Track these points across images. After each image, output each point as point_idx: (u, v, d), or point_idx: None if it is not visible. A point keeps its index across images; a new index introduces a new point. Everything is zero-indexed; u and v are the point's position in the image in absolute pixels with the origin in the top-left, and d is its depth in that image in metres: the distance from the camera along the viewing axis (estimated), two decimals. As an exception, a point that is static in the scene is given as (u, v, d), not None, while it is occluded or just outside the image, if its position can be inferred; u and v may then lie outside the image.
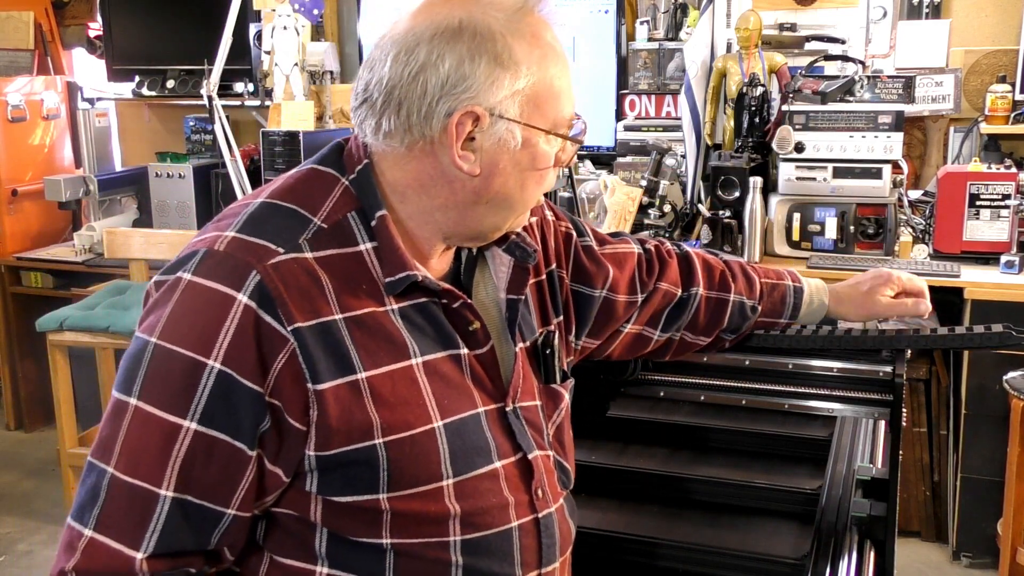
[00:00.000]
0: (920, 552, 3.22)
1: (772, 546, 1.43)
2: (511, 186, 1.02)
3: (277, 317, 0.92)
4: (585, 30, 3.87)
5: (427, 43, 0.97)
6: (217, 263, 0.94)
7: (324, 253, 0.97)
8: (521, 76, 0.99)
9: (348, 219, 1.01)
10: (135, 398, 0.93)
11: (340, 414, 0.94)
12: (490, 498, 1.04)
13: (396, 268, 1.00)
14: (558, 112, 1.03)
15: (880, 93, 3.30)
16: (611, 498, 1.59)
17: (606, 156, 3.80)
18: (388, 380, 0.97)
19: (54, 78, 4.47)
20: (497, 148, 1.00)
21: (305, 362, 0.93)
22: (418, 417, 0.98)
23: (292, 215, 0.99)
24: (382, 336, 0.98)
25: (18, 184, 4.16)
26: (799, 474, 1.60)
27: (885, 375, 1.48)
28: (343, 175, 1.03)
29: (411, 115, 0.98)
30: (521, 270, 1.14)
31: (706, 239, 3.16)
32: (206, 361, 0.91)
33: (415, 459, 0.98)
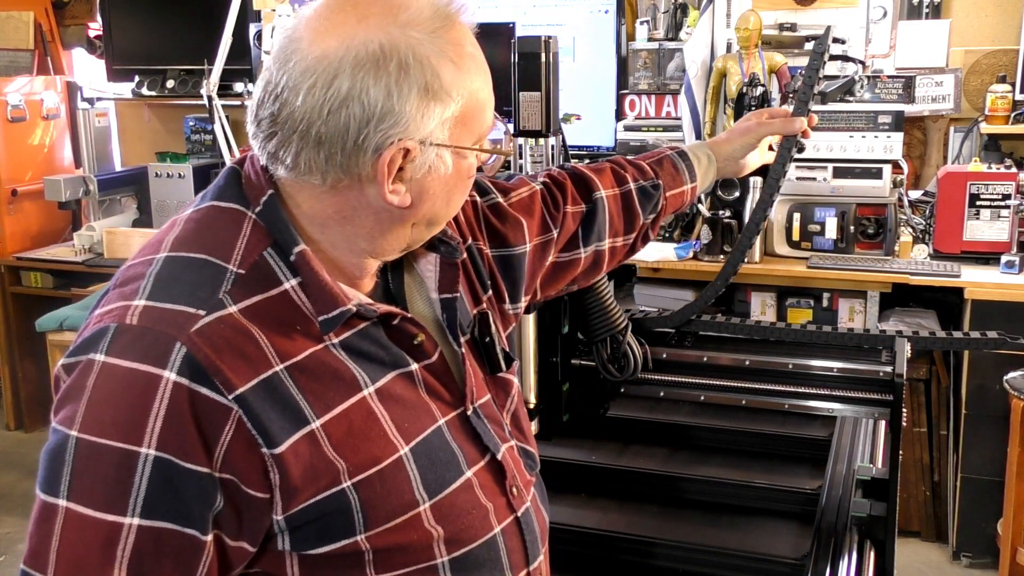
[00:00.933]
0: (920, 552, 3.22)
1: (772, 546, 1.43)
2: (439, 205, 0.97)
3: (214, 387, 0.83)
4: (585, 30, 3.87)
5: (347, 74, 0.87)
6: (132, 340, 0.84)
7: (248, 303, 0.88)
8: (451, 103, 0.91)
9: (264, 258, 0.91)
10: (63, 499, 0.82)
11: (303, 471, 0.87)
12: (469, 510, 0.99)
13: (328, 305, 0.91)
14: (483, 124, 0.97)
15: (880, 93, 3.30)
16: (611, 498, 1.59)
17: (606, 156, 3.80)
18: (344, 420, 0.90)
19: (54, 78, 4.47)
20: (427, 176, 0.93)
21: (255, 427, 0.85)
22: (383, 449, 0.92)
23: (204, 266, 0.89)
24: (328, 376, 0.91)
25: (18, 184, 4.16)
26: (799, 474, 1.60)
27: (885, 375, 1.48)
28: (247, 208, 0.93)
29: (334, 154, 0.89)
30: (449, 266, 1.07)
31: (706, 239, 3.17)
32: (138, 450, 0.82)
33: (388, 493, 0.92)
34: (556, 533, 1.47)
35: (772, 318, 3.16)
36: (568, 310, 1.56)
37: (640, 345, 1.58)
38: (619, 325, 1.54)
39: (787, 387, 1.55)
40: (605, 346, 1.55)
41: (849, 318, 3.12)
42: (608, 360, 1.55)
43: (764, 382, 1.56)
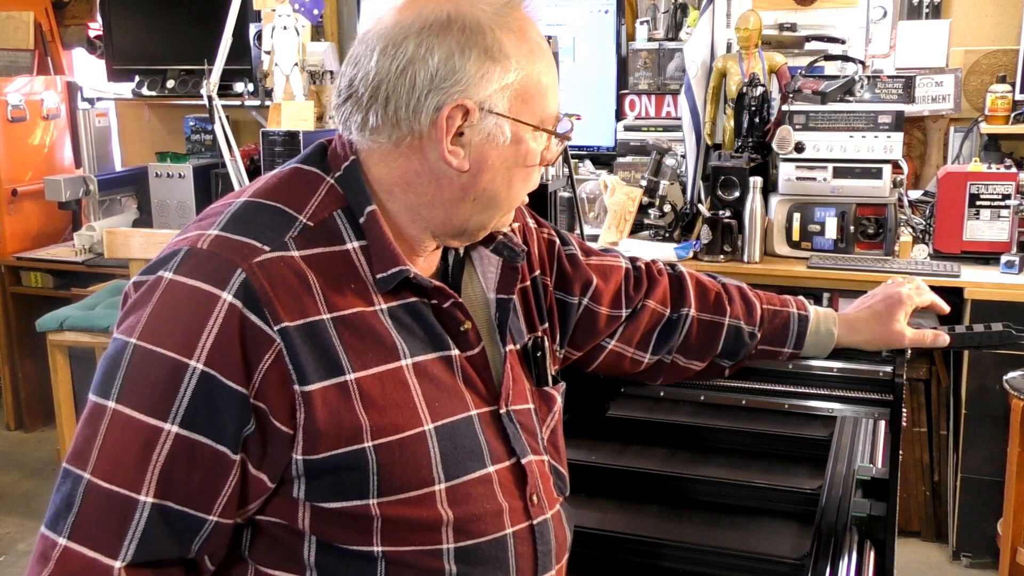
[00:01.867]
0: (920, 552, 3.22)
1: (772, 546, 1.43)
2: (498, 183, 1.01)
3: (263, 316, 0.90)
4: (585, 30, 3.87)
5: (415, 36, 0.95)
6: (200, 262, 0.91)
7: (311, 252, 0.95)
8: (511, 70, 0.97)
9: (334, 218, 0.99)
10: (113, 401, 0.89)
11: (328, 417, 0.92)
12: (484, 504, 1.01)
13: (387, 263, 0.98)
14: (545, 108, 1.01)
15: (880, 93, 3.30)
16: (611, 498, 1.59)
17: (606, 156, 3.80)
18: (377, 382, 0.95)
19: (54, 78, 4.47)
20: (486, 143, 0.98)
21: (292, 363, 0.91)
22: (408, 420, 0.96)
23: (277, 213, 0.97)
24: (371, 337, 0.96)
25: (18, 184, 4.15)
26: (799, 474, 1.60)
27: (885, 375, 1.47)
28: (328, 174, 1.01)
29: (399, 110, 0.96)
30: (510, 270, 1.12)
31: (706, 239, 3.17)
32: (188, 362, 0.88)
33: (405, 463, 0.96)
34: (556, 533, 1.48)
35: (772, 318, 3.15)
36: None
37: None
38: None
39: (787, 387, 1.55)
40: (605, 346, 1.54)
41: (849, 318, 3.11)
42: (608, 360, 1.55)
43: (764, 382, 1.56)
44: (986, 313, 2.81)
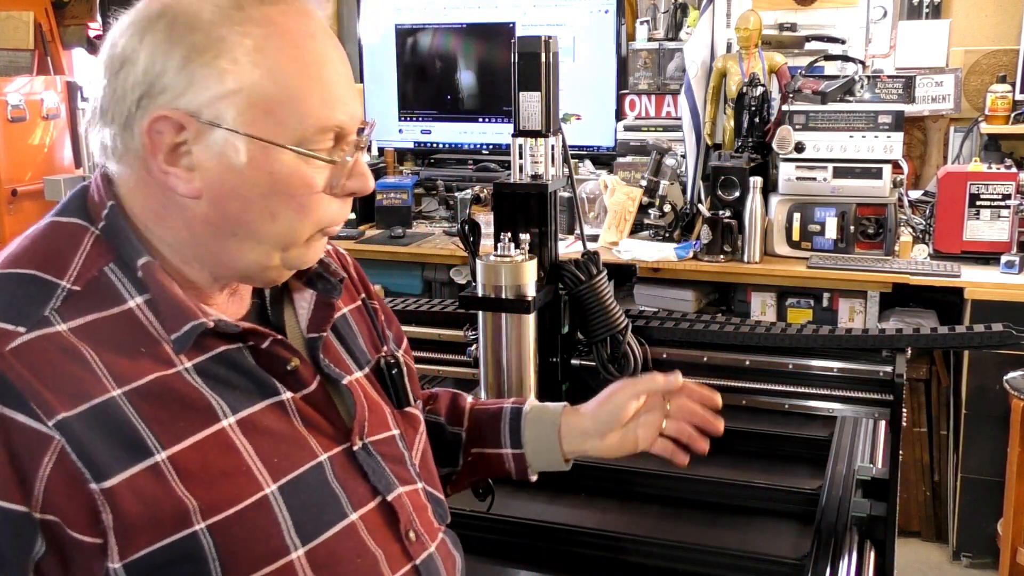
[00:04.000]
0: (920, 552, 3.22)
1: (772, 546, 1.43)
2: (255, 214, 0.83)
3: (32, 412, 0.73)
4: (585, 30, 3.87)
5: (125, 35, 0.80)
6: None
7: (81, 321, 0.78)
8: (231, 73, 0.79)
9: (105, 273, 0.82)
10: None
11: (142, 509, 0.76)
12: (354, 559, 0.88)
13: (179, 319, 0.82)
14: (301, 122, 0.82)
15: (880, 93, 3.30)
16: (611, 498, 1.59)
17: (606, 156, 3.80)
18: (197, 452, 0.79)
19: (54, 78, 4.47)
20: (218, 165, 0.81)
21: (80, 459, 0.74)
22: (244, 487, 0.81)
23: (30, 282, 0.79)
24: (178, 403, 0.80)
25: (18, 184, 4.16)
26: (799, 474, 1.60)
27: (885, 375, 1.48)
28: (91, 224, 0.84)
29: (116, 123, 0.82)
30: (324, 305, 0.96)
31: (706, 239, 3.16)
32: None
33: (250, 538, 0.81)
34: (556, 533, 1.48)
35: (772, 318, 3.16)
36: (568, 311, 1.56)
37: (640, 345, 1.58)
38: (619, 325, 1.54)
39: (787, 387, 1.55)
40: (605, 346, 1.55)
41: (849, 318, 3.12)
42: (608, 360, 1.55)
43: (764, 382, 1.56)
44: (986, 313, 2.81)
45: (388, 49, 4.18)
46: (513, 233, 1.46)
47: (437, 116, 4.18)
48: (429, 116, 4.20)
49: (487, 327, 1.46)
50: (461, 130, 4.16)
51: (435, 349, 1.73)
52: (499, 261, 1.43)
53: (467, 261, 1.52)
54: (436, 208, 4.03)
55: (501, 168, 3.97)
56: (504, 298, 1.43)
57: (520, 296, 1.42)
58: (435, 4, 4.08)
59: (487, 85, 4.10)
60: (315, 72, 0.83)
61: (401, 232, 3.65)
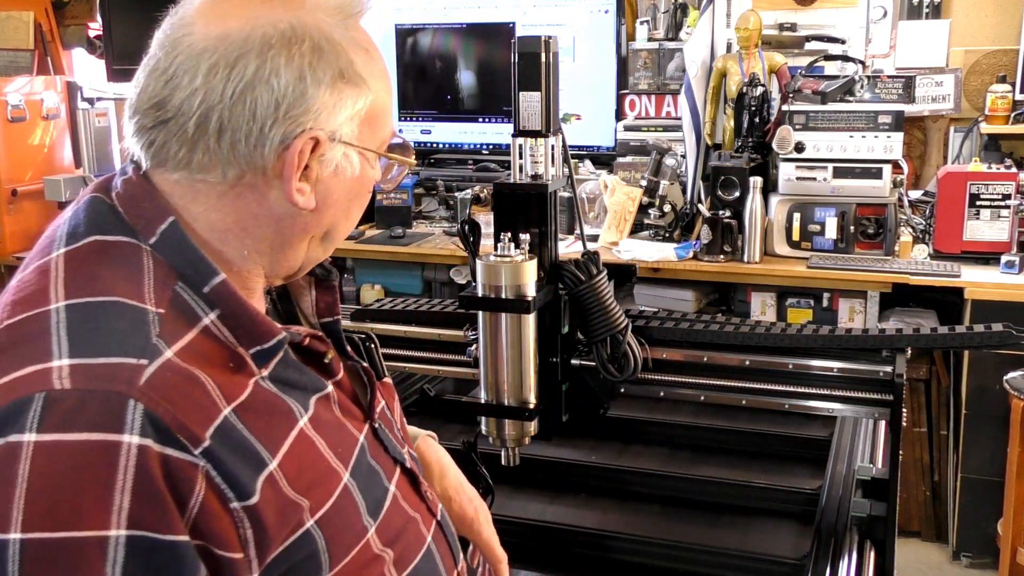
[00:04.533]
0: (920, 552, 3.22)
1: (772, 546, 1.43)
2: (340, 216, 0.90)
3: (181, 446, 0.73)
4: (585, 30, 3.87)
5: (255, 54, 0.79)
6: (73, 407, 0.70)
7: (182, 344, 0.78)
8: (363, 94, 0.85)
9: (178, 292, 0.81)
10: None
11: (272, 518, 0.78)
12: (404, 525, 0.94)
13: (260, 336, 0.83)
14: (386, 130, 0.91)
15: (880, 93, 3.30)
16: (611, 498, 1.59)
17: (606, 156, 3.80)
18: (293, 455, 0.82)
19: (54, 78, 4.46)
20: (333, 177, 0.86)
21: (223, 478, 0.75)
22: (331, 480, 0.85)
23: (123, 310, 0.77)
24: (269, 411, 0.82)
25: (18, 184, 4.15)
26: (799, 474, 1.60)
27: (885, 375, 1.48)
28: (139, 240, 0.82)
29: (237, 143, 0.80)
30: (326, 289, 1.00)
31: (706, 239, 3.16)
32: (107, 534, 0.69)
33: (344, 525, 0.85)
34: (556, 533, 1.48)
35: (772, 318, 3.16)
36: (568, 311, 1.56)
37: (640, 345, 1.58)
38: (619, 325, 1.54)
39: (787, 387, 1.55)
40: (605, 346, 1.55)
41: (849, 318, 3.12)
42: (608, 360, 1.55)
43: (764, 382, 1.56)
44: (986, 313, 2.81)
45: (388, 49, 4.18)
46: (513, 233, 1.45)
47: (437, 116, 4.18)
48: (429, 116, 4.20)
49: (487, 327, 1.46)
50: (461, 130, 4.16)
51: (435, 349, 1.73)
52: (499, 261, 1.43)
53: (467, 261, 1.52)
54: (436, 208, 4.03)
55: (501, 168, 3.97)
56: (504, 298, 1.43)
57: (520, 296, 1.42)
58: (435, 4, 4.08)
59: (487, 85, 4.10)
60: (390, 87, 0.92)
61: (401, 232, 3.65)
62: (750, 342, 1.55)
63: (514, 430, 1.45)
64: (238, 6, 0.82)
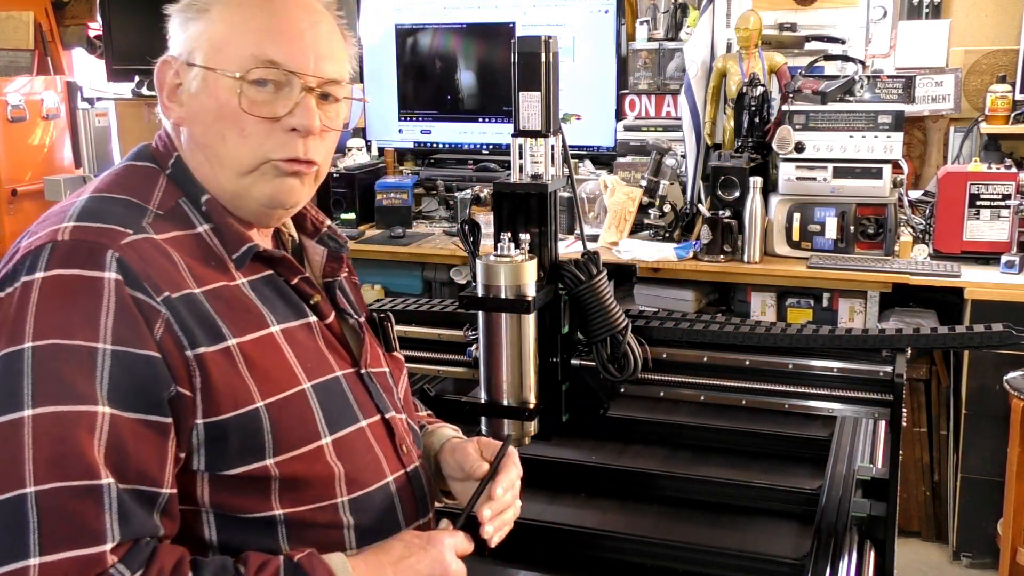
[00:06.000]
0: (920, 552, 3.22)
1: (772, 546, 1.43)
2: (212, 137, 1.04)
3: (144, 290, 0.92)
4: (585, 30, 3.87)
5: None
6: (69, 252, 0.92)
7: (169, 235, 0.99)
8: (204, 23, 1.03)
9: (180, 205, 1.04)
10: (28, 408, 0.85)
11: (222, 379, 0.95)
12: (365, 455, 1.06)
13: (237, 243, 1.03)
14: (243, 52, 1.02)
15: (880, 93, 3.30)
16: (610, 498, 1.59)
17: (606, 156, 3.80)
18: (256, 346, 0.99)
19: (54, 78, 4.46)
20: (194, 97, 1.03)
21: (181, 329, 0.93)
22: (289, 380, 1.01)
23: (127, 204, 1.00)
24: (240, 307, 1.00)
25: (18, 184, 4.15)
26: (799, 474, 1.60)
27: (885, 375, 1.48)
28: (161, 168, 1.06)
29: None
30: (333, 259, 1.18)
31: (706, 239, 3.16)
32: (96, 346, 0.89)
33: (293, 419, 0.99)
34: (557, 533, 1.48)
35: (772, 318, 3.16)
36: (568, 311, 1.56)
37: (640, 345, 1.58)
38: (619, 325, 1.54)
39: (787, 387, 1.55)
40: (605, 346, 1.55)
41: (849, 318, 3.12)
42: (608, 360, 1.55)
43: (764, 382, 1.56)
44: (986, 313, 2.81)
45: (388, 49, 4.18)
46: (513, 233, 1.46)
47: (437, 116, 4.18)
48: (429, 116, 4.19)
49: (487, 327, 1.46)
50: (461, 130, 4.16)
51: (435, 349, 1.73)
52: (499, 261, 1.43)
53: (467, 261, 1.52)
54: (436, 208, 4.03)
55: (501, 168, 3.96)
56: (504, 298, 1.43)
57: (520, 296, 1.42)
58: (435, 4, 4.08)
59: (487, 85, 4.10)
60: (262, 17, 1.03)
61: (401, 232, 3.65)
62: (750, 342, 1.55)
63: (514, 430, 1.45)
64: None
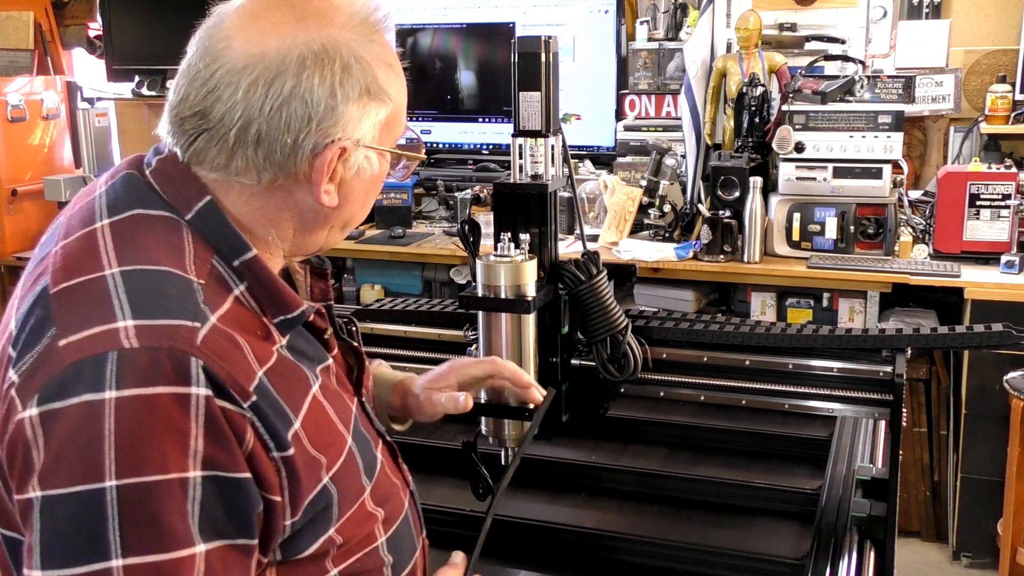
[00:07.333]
0: (920, 552, 3.22)
1: (772, 546, 1.43)
2: (357, 208, 1.01)
3: (233, 399, 0.82)
4: (585, 30, 3.87)
5: (293, 72, 0.88)
6: (147, 364, 0.79)
7: (221, 311, 0.87)
8: (385, 105, 0.95)
9: (215, 265, 0.90)
10: (118, 558, 0.76)
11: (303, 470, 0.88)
12: (389, 491, 1.04)
13: (285, 306, 0.93)
14: (401, 128, 1.01)
15: (880, 93, 3.30)
16: (610, 498, 1.59)
17: (606, 156, 3.80)
18: (311, 417, 0.91)
19: (54, 78, 4.47)
20: (355, 178, 0.96)
21: (266, 431, 0.85)
22: (339, 441, 0.95)
23: (173, 279, 0.86)
24: (292, 377, 0.91)
25: (18, 184, 4.15)
26: (799, 474, 1.60)
27: (885, 375, 1.48)
28: (178, 215, 0.91)
29: (272, 152, 0.89)
30: (319, 278, 1.11)
31: (706, 239, 3.17)
32: (187, 476, 0.79)
33: (349, 482, 0.95)
34: (556, 533, 1.48)
35: (772, 318, 3.16)
36: (568, 311, 1.56)
37: (640, 345, 1.58)
38: (619, 325, 1.54)
39: (787, 387, 1.55)
40: (605, 346, 1.55)
41: (849, 318, 3.12)
42: (608, 360, 1.55)
43: (764, 382, 1.56)
44: (986, 313, 2.81)
45: (388, 49, 4.19)
46: (513, 233, 1.45)
47: (437, 116, 4.18)
48: (429, 116, 4.20)
49: (487, 327, 1.46)
50: (461, 130, 4.16)
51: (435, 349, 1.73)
52: (499, 261, 1.43)
53: (467, 261, 1.52)
54: (436, 208, 4.03)
55: (501, 168, 3.97)
56: (504, 298, 1.43)
57: (520, 296, 1.42)
58: (435, 4, 4.08)
59: (487, 85, 4.10)
60: (404, 90, 0.99)
61: (401, 232, 3.65)
62: (750, 342, 1.55)
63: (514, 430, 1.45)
64: (275, 23, 0.90)
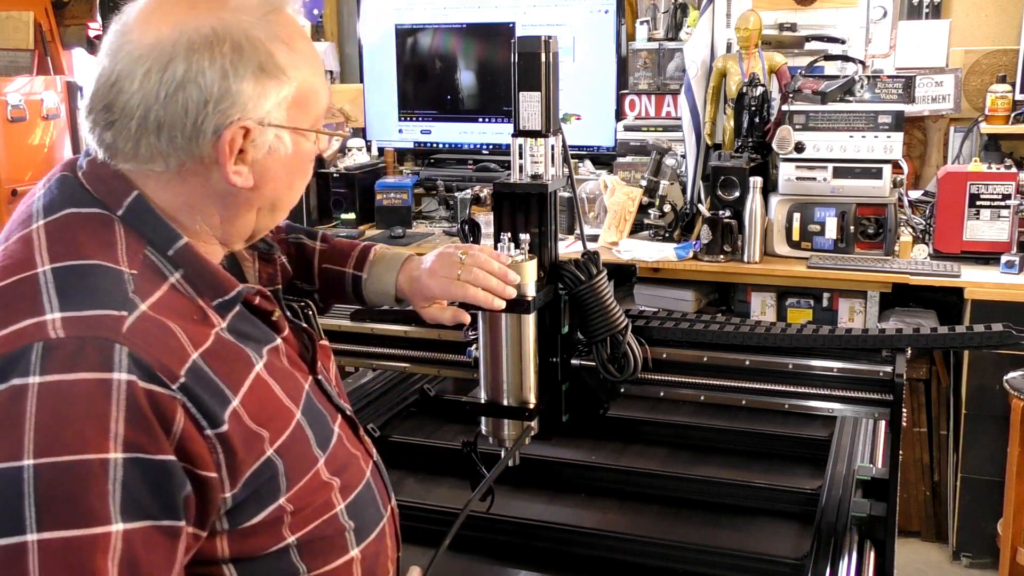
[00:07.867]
0: (920, 552, 3.23)
1: (772, 546, 1.43)
2: (281, 189, 1.02)
3: (160, 381, 0.84)
4: (585, 30, 3.87)
5: (183, 58, 0.90)
6: (70, 353, 0.82)
7: (153, 299, 0.89)
8: (286, 83, 0.96)
9: (148, 255, 0.93)
10: (33, 533, 0.78)
11: (240, 445, 0.91)
12: (348, 462, 1.07)
13: (221, 289, 0.96)
14: (318, 108, 1.02)
15: (880, 93, 3.30)
16: (611, 498, 1.59)
17: (606, 156, 3.81)
18: (252, 395, 0.93)
19: (54, 78, 4.46)
20: (268, 157, 0.97)
21: (198, 410, 0.87)
22: (285, 416, 0.98)
23: (103, 272, 0.89)
24: (230, 357, 0.94)
25: (18, 184, 4.15)
26: (799, 474, 1.60)
27: (885, 375, 1.48)
28: (109, 211, 0.94)
29: (174, 138, 0.92)
30: (266, 263, 1.15)
31: (706, 239, 3.17)
32: (107, 456, 0.80)
33: (298, 454, 0.99)
34: (556, 533, 1.48)
35: (772, 318, 3.16)
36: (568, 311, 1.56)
37: (640, 345, 1.58)
38: (619, 325, 1.54)
39: (787, 387, 1.55)
40: (605, 346, 1.55)
41: (849, 318, 3.12)
42: (608, 360, 1.55)
43: (764, 382, 1.56)
44: (986, 313, 2.81)
45: (388, 49, 4.18)
46: (513, 233, 1.45)
47: (437, 116, 4.18)
48: (429, 116, 4.20)
49: (487, 327, 1.46)
50: (461, 130, 4.16)
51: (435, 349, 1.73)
52: (499, 261, 1.43)
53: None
54: (436, 208, 4.03)
55: (501, 168, 3.97)
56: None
57: (520, 296, 1.42)
58: (435, 4, 4.08)
59: (487, 85, 4.10)
60: (320, 68, 1.02)
61: (401, 232, 3.65)
62: (750, 342, 1.55)
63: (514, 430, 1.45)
64: (167, 12, 0.92)
